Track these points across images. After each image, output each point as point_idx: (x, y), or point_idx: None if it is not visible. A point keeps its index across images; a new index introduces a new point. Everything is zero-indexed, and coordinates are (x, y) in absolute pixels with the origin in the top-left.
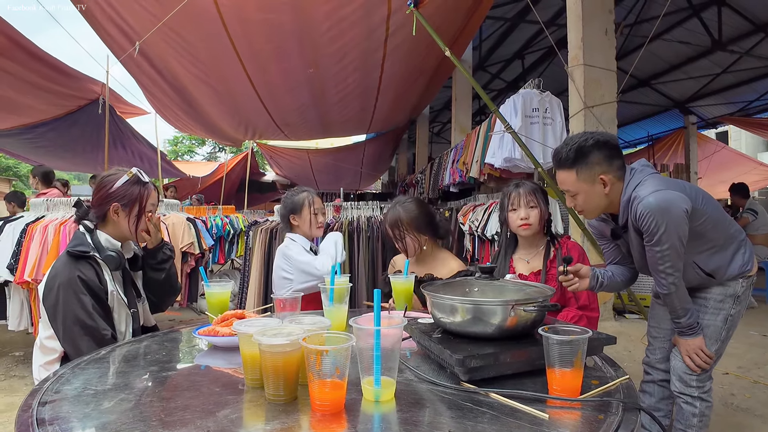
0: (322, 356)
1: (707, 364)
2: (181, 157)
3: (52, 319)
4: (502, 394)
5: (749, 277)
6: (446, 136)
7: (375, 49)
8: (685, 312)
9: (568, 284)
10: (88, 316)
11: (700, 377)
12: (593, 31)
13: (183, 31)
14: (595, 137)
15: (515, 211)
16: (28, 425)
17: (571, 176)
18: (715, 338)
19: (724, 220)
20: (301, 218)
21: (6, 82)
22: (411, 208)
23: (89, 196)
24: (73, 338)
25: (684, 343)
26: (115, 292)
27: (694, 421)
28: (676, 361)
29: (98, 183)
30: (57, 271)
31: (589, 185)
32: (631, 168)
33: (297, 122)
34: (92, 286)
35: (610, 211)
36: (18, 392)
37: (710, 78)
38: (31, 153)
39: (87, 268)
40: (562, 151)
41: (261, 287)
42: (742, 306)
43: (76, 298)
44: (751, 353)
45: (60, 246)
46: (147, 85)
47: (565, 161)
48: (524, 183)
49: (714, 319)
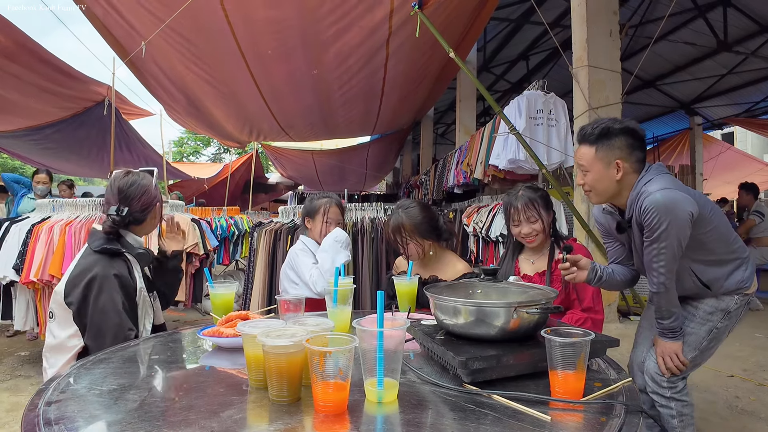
0: (326, 357)
1: (679, 370)
2: (187, 158)
3: (77, 315)
4: (504, 396)
5: (746, 294)
6: (451, 138)
7: (378, 49)
8: (670, 314)
9: (566, 273)
10: (118, 315)
11: (670, 378)
12: (598, 32)
13: (187, 33)
14: (625, 123)
15: (518, 226)
16: (34, 425)
17: (590, 152)
18: (694, 346)
19: (730, 235)
20: (313, 224)
21: (12, 84)
22: (414, 214)
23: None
24: (101, 335)
25: (661, 344)
26: (143, 290)
27: (674, 423)
28: (649, 362)
29: (135, 189)
30: (88, 267)
31: (604, 165)
32: (648, 165)
33: (301, 125)
34: (126, 284)
35: (616, 203)
36: (24, 392)
37: (716, 79)
38: (38, 155)
39: (121, 265)
40: (588, 127)
41: (265, 288)
42: (731, 322)
43: (108, 296)
44: (756, 356)
45: (66, 246)
46: (152, 87)
47: (589, 136)
48: (522, 195)
49: (699, 328)
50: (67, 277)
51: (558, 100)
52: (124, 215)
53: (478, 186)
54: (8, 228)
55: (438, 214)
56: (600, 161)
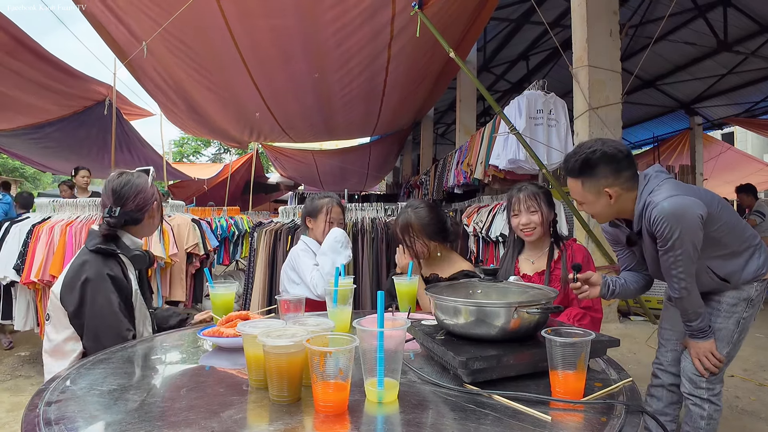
0: (326, 357)
1: (716, 368)
2: (187, 158)
3: (74, 317)
4: (504, 396)
5: (764, 280)
6: (451, 138)
7: (379, 52)
8: (697, 316)
9: (578, 292)
10: (114, 315)
11: (710, 380)
12: (598, 32)
13: (187, 40)
14: (603, 149)
15: (517, 217)
16: (34, 425)
17: (577, 185)
18: (726, 341)
19: (740, 225)
20: (315, 224)
21: (13, 81)
22: (423, 214)
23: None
24: (99, 336)
25: (694, 346)
26: (138, 292)
27: (702, 424)
28: (686, 363)
29: (128, 189)
30: (82, 267)
31: (594, 196)
32: (644, 174)
33: (302, 125)
34: (120, 285)
35: (622, 217)
36: (24, 392)
37: (716, 79)
38: (38, 154)
39: (115, 266)
40: (571, 159)
41: (265, 288)
42: (755, 309)
43: (104, 296)
44: (757, 356)
45: (66, 247)
46: (151, 90)
47: (572, 171)
48: (527, 187)
49: (726, 322)
50: (62, 278)
51: (558, 100)
52: (117, 216)
53: (478, 186)
54: (8, 228)
55: (446, 216)
56: (589, 192)
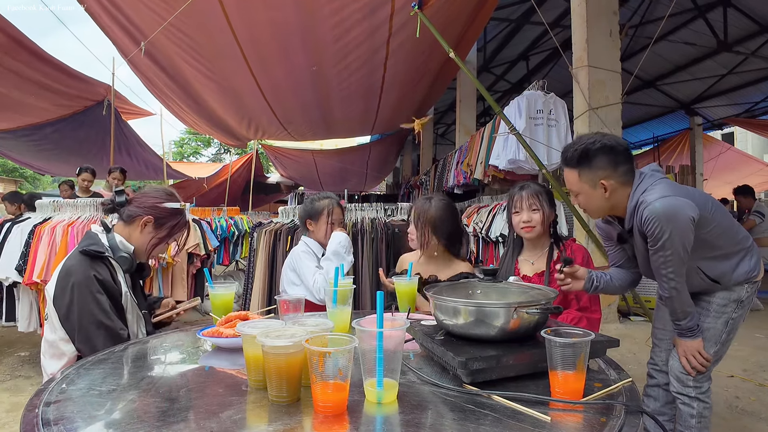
0: (325, 358)
1: (704, 367)
2: (187, 158)
3: (65, 320)
4: (504, 397)
5: (755, 282)
6: (451, 138)
7: (378, 48)
8: (686, 315)
9: (561, 284)
10: (105, 316)
11: (697, 378)
12: (598, 32)
13: (188, 30)
14: (604, 141)
15: (518, 214)
16: (33, 425)
17: (574, 176)
18: (714, 341)
19: (732, 227)
20: (317, 225)
21: (12, 81)
22: (439, 207)
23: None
24: (90, 338)
25: (682, 344)
26: (128, 294)
27: (692, 422)
28: (673, 361)
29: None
30: (70, 270)
31: (590, 187)
32: (640, 172)
33: (300, 121)
34: (108, 286)
35: (615, 214)
36: (23, 392)
37: (716, 79)
38: (36, 156)
39: (102, 268)
40: (569, 149)
41: (265, 289)
42: (744, 310)
43: (92, 297)
44: (757, 356)
45: (68, 247)
46: (153, 83)
47: (570, 161)
48: (529, 185)
49: (715, 322)
50: (54, 280)
51: (558, 101)
52: (119, 197)
53: (478, 186)
54: (10, 228)
55: (460, 222)
56: (585, 184)
